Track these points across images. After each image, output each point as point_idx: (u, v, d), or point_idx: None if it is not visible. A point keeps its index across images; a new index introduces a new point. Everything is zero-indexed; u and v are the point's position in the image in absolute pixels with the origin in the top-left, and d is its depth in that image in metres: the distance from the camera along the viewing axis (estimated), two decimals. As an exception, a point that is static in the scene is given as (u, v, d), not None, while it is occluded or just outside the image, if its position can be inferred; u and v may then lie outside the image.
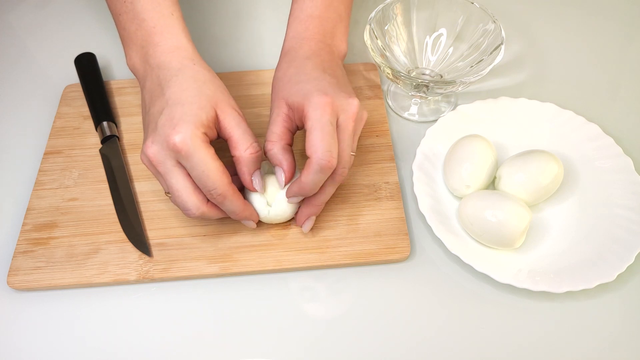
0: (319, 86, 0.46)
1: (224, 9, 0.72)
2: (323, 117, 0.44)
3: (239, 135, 0.46)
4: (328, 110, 0.45)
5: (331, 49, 0.52)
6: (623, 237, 0.49)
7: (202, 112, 0.45)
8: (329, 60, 0.51)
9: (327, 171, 0.45)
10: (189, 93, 0.46)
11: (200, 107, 0.45)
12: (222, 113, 0.46)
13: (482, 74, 0.52)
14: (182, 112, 0.44)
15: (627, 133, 0.57)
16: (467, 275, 0.49)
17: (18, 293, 0.49)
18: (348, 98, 0.46)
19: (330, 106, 0.45)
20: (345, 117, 0.46)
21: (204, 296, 0.49)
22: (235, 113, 0.47)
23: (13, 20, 0.72)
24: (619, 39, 0.68)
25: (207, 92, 0.46)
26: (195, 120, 0.44)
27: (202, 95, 0.46)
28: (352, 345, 0.46)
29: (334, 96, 0.46)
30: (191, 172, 0.44)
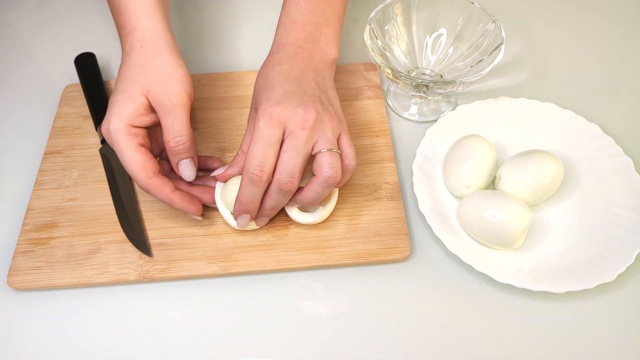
0: (271, 95, 0.46)
1: (224, 9, 0.72)
2: (263, 130, 0.44)
3: (166, 125, 0.47)
4: (268, 122, 0.44)
5: (311, 54, 0.51)
6: (623, 237, 0.49)
7: (130, 102, 0.46)
8: (302, 66, 0.50)
9: (259, 184, 0.45)
10: (123, 81, 0.47)
11: (129, 96, 0.46)
12: (153, 100, 0.47)
13: (482, 74, 0.52)
14: (113, 102, 0.46)
15: (627, 133, 0.57)
16: (467, 275, 0.49)
17: (18, 293, 0.49)
18: (297, 107, 0.45)
19: (274, 117, 0.44)
20: (294, 126, 0.45)
21: (204, 296, 0.49)
22: (167, 101, 0.46)
23: (13, 20, 0.72)
24: (619, 39, 0.68)
25: (139, 78, 0.46)
26: (120, 112, 0.46)
27: (133, 83, 0.46)
28: (352, 345, 0.46)
29: (284, 106, 0.45)
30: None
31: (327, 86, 0.50)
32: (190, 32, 0.70)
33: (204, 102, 0.61)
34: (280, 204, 0.47)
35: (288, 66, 0.49)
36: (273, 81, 0.48)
